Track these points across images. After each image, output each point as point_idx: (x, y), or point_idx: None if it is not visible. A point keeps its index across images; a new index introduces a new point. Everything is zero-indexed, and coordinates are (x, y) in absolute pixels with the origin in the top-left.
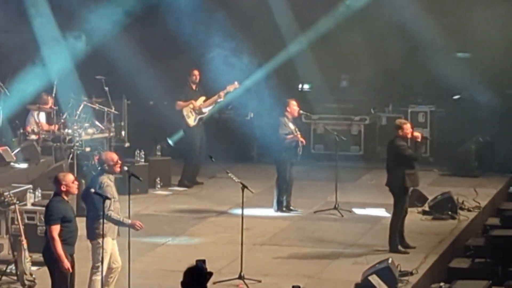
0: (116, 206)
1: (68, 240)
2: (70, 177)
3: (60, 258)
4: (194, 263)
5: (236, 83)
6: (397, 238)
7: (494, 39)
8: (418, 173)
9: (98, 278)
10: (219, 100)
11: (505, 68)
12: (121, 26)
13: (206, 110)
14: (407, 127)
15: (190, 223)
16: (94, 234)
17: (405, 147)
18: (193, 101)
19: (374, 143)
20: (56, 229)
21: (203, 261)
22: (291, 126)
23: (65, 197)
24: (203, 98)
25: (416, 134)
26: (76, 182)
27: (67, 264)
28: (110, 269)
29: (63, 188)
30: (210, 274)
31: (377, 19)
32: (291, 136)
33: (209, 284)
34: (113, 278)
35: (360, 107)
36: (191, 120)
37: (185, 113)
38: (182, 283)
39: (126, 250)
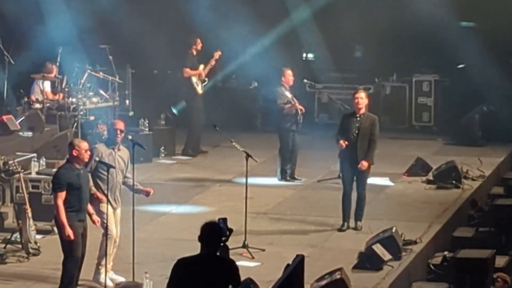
0: (115, 178)
1: (77, 206)
2: (84, 144)
3: (62, 225)
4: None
5: (218, 50)
6: None
7: (498, 8)
8: None
9: (105, 240)
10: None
11: (509, 37)
12: None
13: (205, 78)
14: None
15: (194, 192)
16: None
17: None
18: (200, 69)
19: (378, 112)
20: (61, 196)
21: (225, 219)
22: (288, 95)
23: (77, 165)
24: (202, 65)
25: None
26: (89, 152)
27: (68, 231)
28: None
29: (74, 153)
30: (231, 230)
31: None
32: (289, 105)
33: None
34: (112, 249)
35: (364, 76)
36: (199, 88)
37: (194, 81)
38: (199, 238)
39: (130, 219)
